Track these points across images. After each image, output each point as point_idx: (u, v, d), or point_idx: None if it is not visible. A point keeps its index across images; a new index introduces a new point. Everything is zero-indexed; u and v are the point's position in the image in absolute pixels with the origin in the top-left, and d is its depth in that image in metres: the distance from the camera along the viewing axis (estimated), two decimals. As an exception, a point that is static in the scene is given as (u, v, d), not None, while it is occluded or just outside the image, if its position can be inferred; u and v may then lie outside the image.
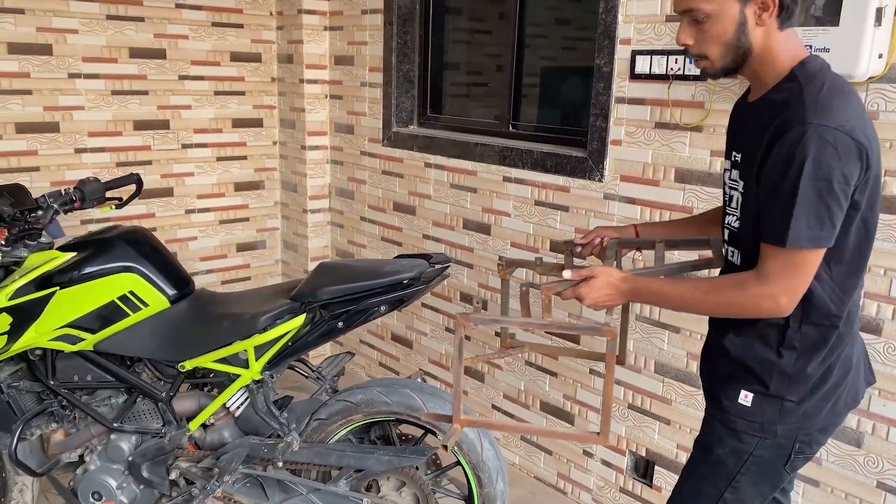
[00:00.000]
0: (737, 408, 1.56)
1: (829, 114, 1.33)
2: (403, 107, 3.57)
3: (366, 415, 2.21)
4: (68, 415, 2.30)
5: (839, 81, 1.42)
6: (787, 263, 1.39)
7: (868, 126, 1.40)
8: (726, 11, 1.42)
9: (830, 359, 1.52)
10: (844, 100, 1.37)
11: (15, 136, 3.31)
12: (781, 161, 1.35)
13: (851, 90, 1.42)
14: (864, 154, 1.35)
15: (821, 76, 1.41)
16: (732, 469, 1.60)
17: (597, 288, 1.57)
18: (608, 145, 2.63)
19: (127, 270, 2.17)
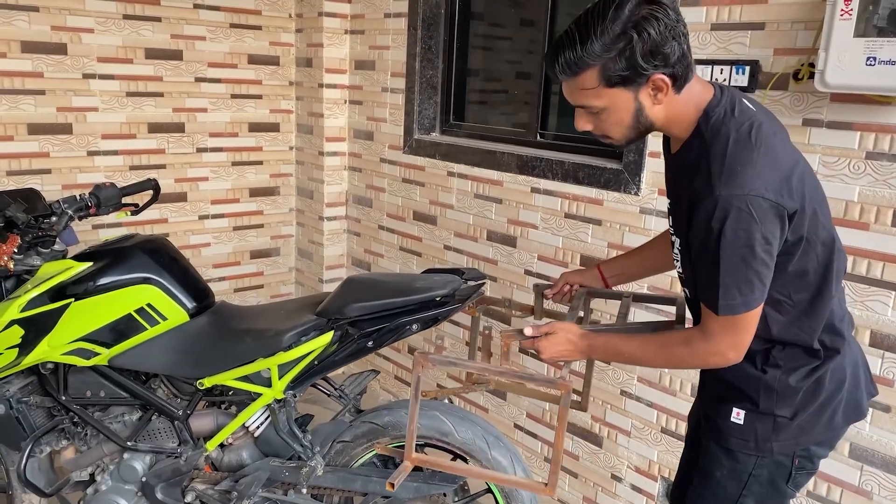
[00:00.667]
0: (730, 426, 1.56)
1: (737, 180, 1.32)
2: (426, 113, 3.47)
3: (393, 438, 2.09)
4: (80, 432, 2.19)
5: (744, 127, 1.38)
6: (727, 324, 1.41)
7: (783, 167, 1.37)
8: (619, 104, 1.40)
9: (818, 372, 1.51)
10: (752, 154, 1.35)
11: (27, 138, 3.21)
12: (701, 232, 1.36)
13: (760, 135, 1.37)
14: (781, 210, 1.34)
15: (725, 128, 1.38)
16: (734, 492, 1.58)
17: (555, 343, 1.59)
18: (646, 157, 2.52)
19: (145, 282, 2.06)
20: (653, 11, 1.32)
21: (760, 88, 2.18)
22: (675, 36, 1.33)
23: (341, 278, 4.01)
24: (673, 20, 1.33)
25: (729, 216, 1.31)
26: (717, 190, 1.32)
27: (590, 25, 1.33)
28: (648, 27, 1.31)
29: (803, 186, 1.40)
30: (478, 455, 2.06)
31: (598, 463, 2.86)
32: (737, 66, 2.23)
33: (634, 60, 1.32)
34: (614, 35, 1.32)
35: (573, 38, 1.35)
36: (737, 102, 1.43)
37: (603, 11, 1.33)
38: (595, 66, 1.35)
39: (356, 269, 3.96)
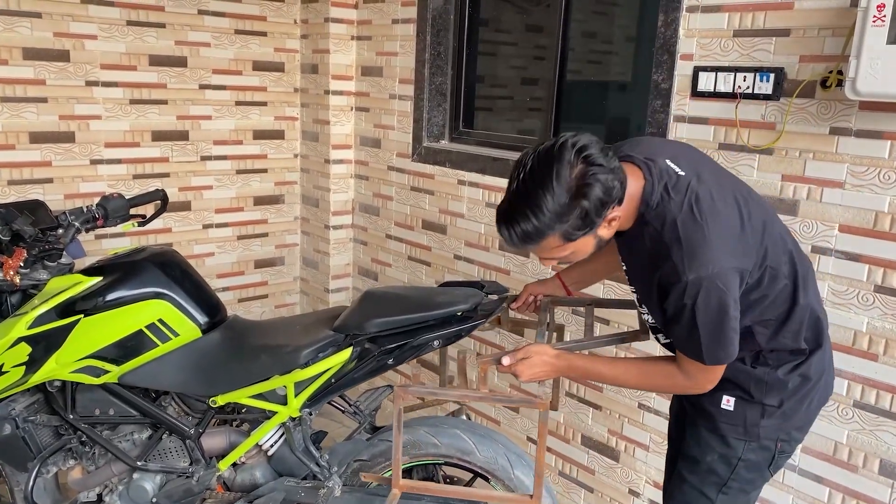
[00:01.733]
0: (720, 412, 1.65)
1: (699, 262, 1.42)
2: (435, 121, 3.41)
3: (412, 457, 2.03)
4: (87, 451, 2.12)
5: (685, 207, 1.45)
6: (707, 369, 1.54)
7: (732, 226, 1.47)
8: (582, 246, 1.51)
9: (804, 366, 1.62)
10: (703, 231, 1.43)
11: (29, 146, 3.14)
12: (676, 308, 1.47)
13: (702, 209, 1.45)
14: (744, 271, 1.47)
15: (669, 213, 1.46)
16: (723, 475, 1.68)
17: (531, 366, 1.67)
18: (665, 166, 2.47)
19: (156, 297, 2.00)
20: (589, 171, 1.39)
21: (786, 96, 2.14)
22: (613, 172, 1.42)
23: (347, 288, 3.95)
24: (605, 164, 1.40)
25: (700, 294, 1.42)
26: (684, 276, 1.42)
27: (536, 199, 1.39)
28: (592, 190, 1.39)
29: (754, 224, 1.50)
30: (500, 474, 2.00)
31: (615, 477, 2.80)
32: (761, 74, 2.18)
33: (588, 219, 1.42)
34: (562, 206, 1.39)
35: (522, 213, 1.42)
36: (666, 176, 1.50)
37: (542, 182, 1.39)
38: (553, 233, 1.43)
39: (363, 278, 3.90)
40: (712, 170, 1.61)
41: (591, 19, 2.97)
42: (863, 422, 2.12)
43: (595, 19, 2.97)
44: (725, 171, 1.67)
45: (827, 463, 2.21)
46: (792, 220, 2.17)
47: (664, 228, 1.46)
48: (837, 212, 2.09)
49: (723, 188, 1.53)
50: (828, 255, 2.12)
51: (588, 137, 1.44)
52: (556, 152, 1.40)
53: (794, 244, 1.63)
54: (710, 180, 1.53)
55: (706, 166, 1.61)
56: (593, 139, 1.44)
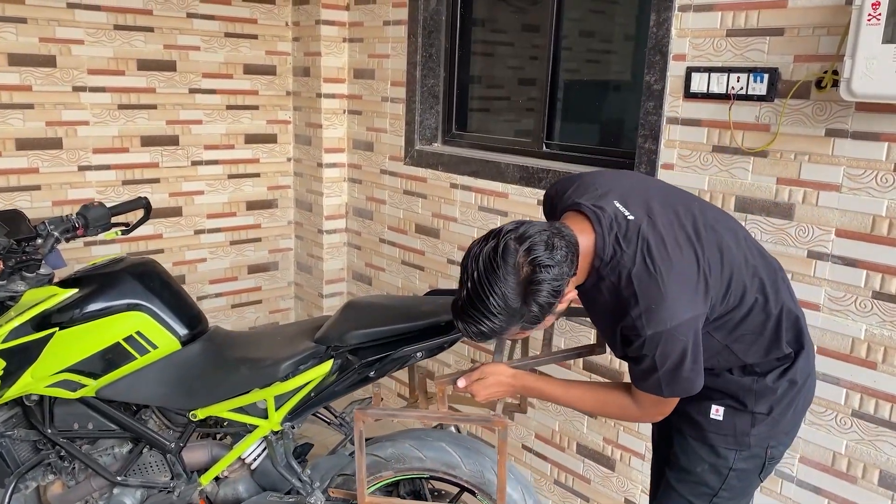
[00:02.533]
0: (710, 422, 1.63)
1: (657, 317, 1.40)
2: (427, 123, 3.36)
3: (396, 471, 1.98)
4: (67, 466, 2.08)
5: (638, 259, 1.43)
6: (661, 401, 1.54)
7: (687, 273, 1.44)
8: (542, 325, 1.50)
9: (790, 371, 1.60)
10: (658, 286, 1.41)
11: (15, 153, 3.11)
12: (637, 357, 1.47)
13: (655, 259, 1.42)
14: (702, 316, 1.46)
15: (623, 268, 1.44)
16: (714, 485, 1.65)
17: (487, 386, 1.67)
18: (658, 169, 2.41)
19: (134, 308, 1.96)
20: (536, 277, 1.37)
21: (780, 97, 2.08)
22: (560, 265, 1.39)
23: (342, 293, 3.91)
24: (551, 263, 1.37)
25: (659, 346, 1.42)
26: (643, 332, 1.41)
27: (487, 306, 1.39)
28: (540, 294, 1.38)
29: (709, 258, 1.47)
30: (487, 489, 1.94)
31: (611, 486, 2.74)
32: (755, 74, 2.12)
33: (543, 313, 1.42)
34: (514, 310, 1.39)
35: (476, 317, 1.41)
36: (616, 225, 1.47)
37: (491, 289, 1.38)
38: (511, 328, 1.44)
39: (357, 283, 3.85)
40: (662, 198, 1.57)
41: (586, 18, 2.91)
42: (862, 432, 2.06)
43: (590, 18, 2.91)
44: (675, 192, 1.63)
45: (825, 474, 2.15)
46: (787, 225, 2.11)
47: (620, 283, 1.45)
48: (834, 216, 2.03)
49: (673, 225, 1.49)
50: (824, 260, 2.06)
51: (532, 230, 1.40)
52: (501, 257, 1.38)
53: (757, 252, 1.60)
54: (661, 218, 1.49)
55: (655, 195, 1.57)
56: (537, 230, 1.40)
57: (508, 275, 1.37)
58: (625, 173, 1.74)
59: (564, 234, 1.43)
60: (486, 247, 1.40)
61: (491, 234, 1.43)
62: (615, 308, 1.47)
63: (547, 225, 1.44)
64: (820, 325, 2.09)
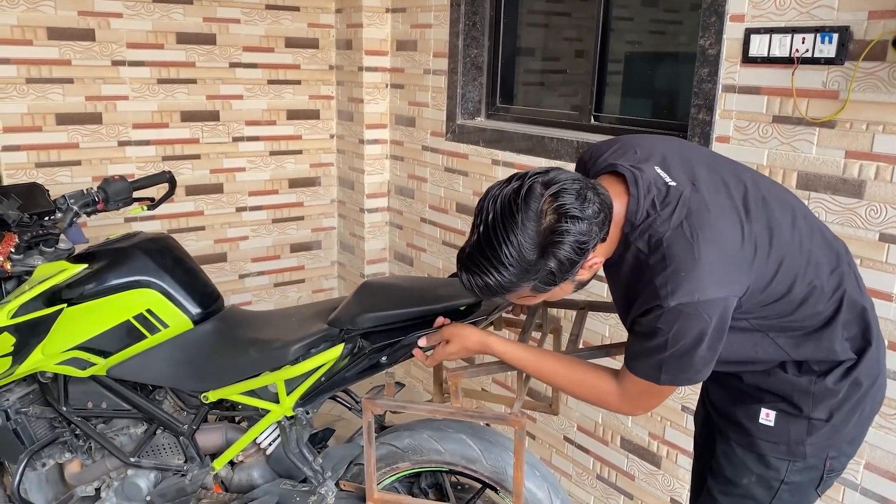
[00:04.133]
0: (759, 428, 1.43)
1: (684, 288, 1.21)
2: (470, 97, 3.20)
3: (414, 463, 1.86)
4: (82, 445, 2.04)
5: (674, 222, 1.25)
6: (651, 391, 1.35)
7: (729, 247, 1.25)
8: (558, 292, 1.32)
9: (855, 371, 1.38)
10: (692, 253, 1.22)
11: (55, 128, 3.10)
12: (646, 331, 1.27)
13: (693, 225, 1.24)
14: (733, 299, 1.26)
15: (654, 231, 1.26)
16: (763, 500, 1.46)
17: (447, 351, 1.55)
18: (713, 142, 2.19)
19: (145, 285, 1.88)
20: (560, 227, 1.20)
21: (851, 60, 1.83)
22: (590, 220, 1.22)
23: (384, 273, 3.81)
24: (580, 214, 1.20)
25: (678, 321, 1.23)
26: (665, 302, 1.22)
27: (498, 254, 1.21)
28: (561, 248, 1.21)
29: (756, 236, 1.28)
30: (509, 485, 1.80)
31: (656, 485, 2.55)
32: (822, 34, 1.88)
33: (560, 274, 1.25)
34: (528, 263, 1.21)
35: (483, 266, 1.24)
36: (654, 189, 1.29)
37: (505, 234, 1.20)
38: (521, 286, 1.26)
39: (398, 263, 3.74)
40: (710, 165, 1.37)
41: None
42: (938, 439, 1.82)
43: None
44: (724, 161, 1.44)
45: (894, 483, 1.92)
46: (857, 204, 1.88)
47: (649, 250, 1.27)
48: (911, 194, 1.78)
49: (719, 196, 1.31)
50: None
51: (562, 176, 1.23)
52: (523, 200, 1.20)
53: (819, 234, 1.40)
54: (707, 186, 1.31)
55: (702, 162, 1.38)
56: (569, 177, 1.23)
57: (528, 220, 1.19)
58: (669, 138, 1.54)
59: (600, 191, 1.26)
60: (506, 188, 1.23)
61: (515, 176, 1.26)
62: (637, 278, 1.29)
63: (581, 176, 1.27)
64: (892, 317, 1.85)
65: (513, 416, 1.55)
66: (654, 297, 1.24)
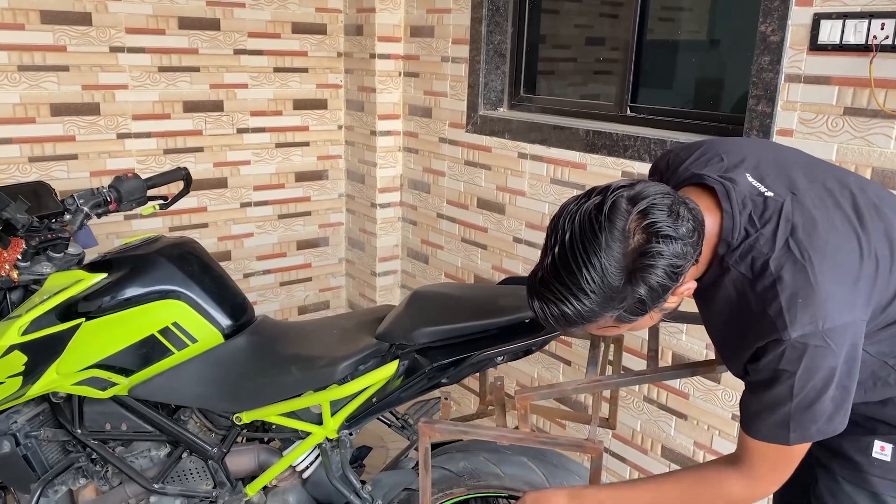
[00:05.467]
0: (872, 463, 1.27)
1: (805, 316, 1.06)
2: (492, 86, 3.03)
3: (470, 489, 1.71)
4: (99, 470, 1.86)
5: (780, 241, 1.11)
6: (781, 458, 1.19)
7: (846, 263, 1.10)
8: (642, 323, 1.16)
9: None
10: (807, 274, 1.07)
11: (50, 119, 2.89)
12: (767, 378, 1.13)
13: (801, 242, 1.09)
14: (861, 323, 1.10)
15: (758, 253, 1.11)
16: None
17: None
18: (773, 135, 2.05)
19: (171, 296, 1.70)
20: (651, 248, 1.04)
21: None
22: (685, 240, 1.06)
23: (396, 271, 3.64)
24: (674, 233, 1.05)
25: (804, 359, 1.08)
26: (785, 335, 1.07)
27: (578, 279, 1.06)
28: (653, 273, 1.05)
29: (876, 246, 1.12)
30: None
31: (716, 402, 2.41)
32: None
33: (651, 300, 1.08)
34: (613, 290, 1.06)
35: (560, 293, 1.08)
36: (750, 202, 1.15)
37: (586, 257, 1.05)
38: (604, 316, 1.10)
39: (412, 261, 3.57)
40: (808, 170, 1.21)
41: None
42: None
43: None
44: (823, 165, 1.27)
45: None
46: (942, 203, 1.75)
47: (754, 275, 1.11)
48: None
49: (826, 205, 1.15)
50: None
51: (651, 189, 1.07)
52: (608, 216, 1.04)
53: None
54: (810, 195, 1.16)
55: (798, 167, 1.21)
56: (658, 191, 1.07)
57: (614, 241, 1.04)
58: (757, 141, 1.38)
59: (691, 206, 1.10)
60: (586, 204, 1.07)
61: (595, 190, 1.10)
62: (742, 309, 1.14)
63: (671, 189, 1.11)
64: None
65: (590, 442, 1.43)
66: (769, 331, 1.09)
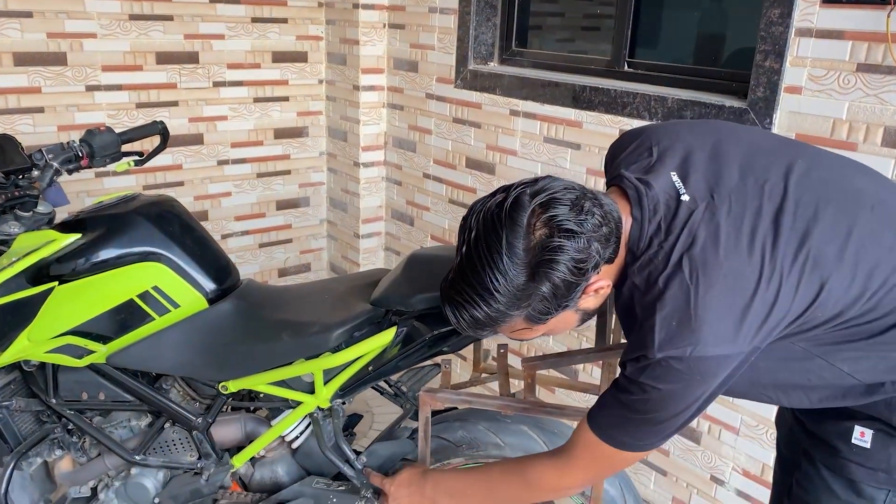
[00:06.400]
0: (851, 450, 1.20)
1: (677, 338, 1.02)
2: (483, 39, 2.91)
3: (468, 458, 1.65)
4: (76, 441, 1.77)
5: (675, 257, 1.04)
6: (605, 457, 1.18)
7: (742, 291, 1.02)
8: (560, 323, 1.14)
9: None
10: (690, 295, 1.02)
11: (13, 70, 2.71)
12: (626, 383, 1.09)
13: (696, 264, 1.03)
14: (738, 357, 1.04)
15: (654, 267, 1.06)
16: None
17: None
18: (780, 92, 1.98)
19: (151, 258, 1.59)
20: (552, 243, 1.01)
21: None
22: (589, 235, 1.03)
23: (380, 233, 3.54)
24: (576, 228, 1.02)
25: (665, 378, 1.04)
26: (650, 352, 1.03)
27: (482, 279, 1.04)
28: (555, 269, 1.02)
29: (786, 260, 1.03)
30: (579, 482, 1.61)
31: (695, 461, 2.40)
32: None
33: (558, 301, 1.06)
34: (518, 288, 1.03)
35: (468, 295, 1.06)
36: (663, 207, 1.08)
37: (489, 256, 1.03)
38: (513, 317, 1.08)
39: (396, 223, 3.47)
40: (745, 165, 1.12)
41: None
42: None
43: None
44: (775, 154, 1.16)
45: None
46: (958, 165, 1.69)
47: (646, 288, 1.08)
48: None
49: (744, 214, 1.06)
50: None
51: (554, 184, 1.05)
52: (508, 213, 1.02)
53: None
54: (729, 199, 1.08)
55: (734, 163, 1.12)
56: (562, 185, 1.05)
57: (515, 238, 1.02)
58: (700, 126, 1.25)
59: (603, 202, 1.07)
60: (490, 202, 1.07)
61: (500, 188, 1.09)
62: (629, 317, 1.12)
63: (578, 185, 1.07)
64: None
65: None
66: (640, 345, 1.06)
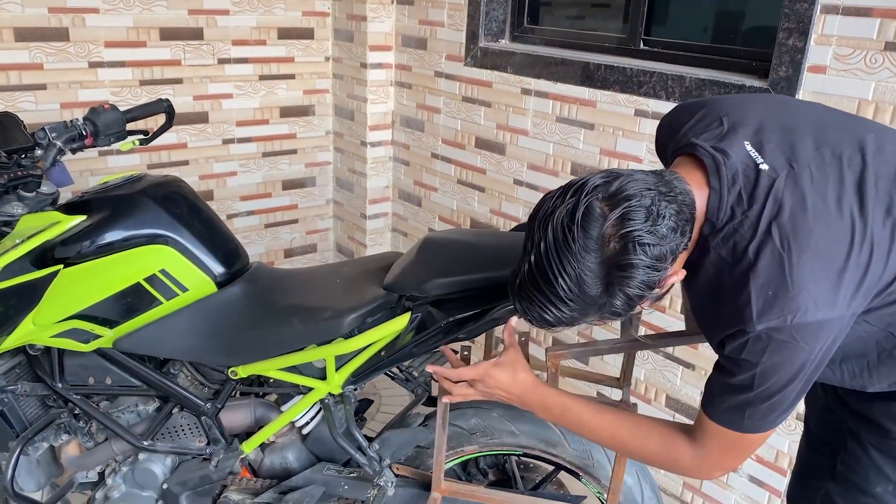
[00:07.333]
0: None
1: (775, 308, 0.99)
2: (494, 15, 2.84)
3: (482, 447, 1.62)
4: (82, 426, 1.74)
5: (763, 226, 1.02)
6: (733, 444, 1.14)
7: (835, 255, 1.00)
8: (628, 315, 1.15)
9: None
10: (784, 267, 0.99)
11: (14, 45, 2.65)
12: (730, 365, 1.08)
13: (786, 231, 1.00)
14: (840, 321, 1.02)
15: (740, 236, 1.03)
16: None
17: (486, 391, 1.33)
18: (804, 72, 1.92)
19: (158, 241, 1.55)
20: (628, 258, 0.98)
21: None
22: (665, 242, 0.99)
23: (387, 213, 3.50)
24: (653, 240, 0.98)
25: (768, 350, 1.02)
26: (750, 326, 1.00)
27: (554, 287, 1.01)
28: (629, 282, 0.99)
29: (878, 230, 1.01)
30: (594, 471, 1.58)
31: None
32: None
33: (630, 306, 1.04)
34: (592, 298, 1.01)
35: (539, 300, 1.04)
36: (742, 177, 1.05)
37: (561, 265, 1.00)
38: (584, 321, 1.07)
39: (404, 203, 3.43)
40: (817, 136, 1.08)
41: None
42: None
43: None
44: (842, 125, 1.13)
45: None
46: None
47: (733, 259, 1.04)
48: None
49: (826, 181, 1.04)
50: None
51: (630, 187, 0.99)
52: (580, 226, 0.98)
53: None
54: (810, 167, 1.05)
55: (807, 134, 1.09)
56: (638, 189, 0.99)
57: (588, 251, 0.98)
58: (767, 97, 1.24)
59: (677, 193, 1.02)
60: (561, 207, 1.01)
61: (571, 188, 1.02)
62: (718, 291, 1.07)
63: (654, 178, 1.02)
64: None
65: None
66: (736, 320, 1.02)
